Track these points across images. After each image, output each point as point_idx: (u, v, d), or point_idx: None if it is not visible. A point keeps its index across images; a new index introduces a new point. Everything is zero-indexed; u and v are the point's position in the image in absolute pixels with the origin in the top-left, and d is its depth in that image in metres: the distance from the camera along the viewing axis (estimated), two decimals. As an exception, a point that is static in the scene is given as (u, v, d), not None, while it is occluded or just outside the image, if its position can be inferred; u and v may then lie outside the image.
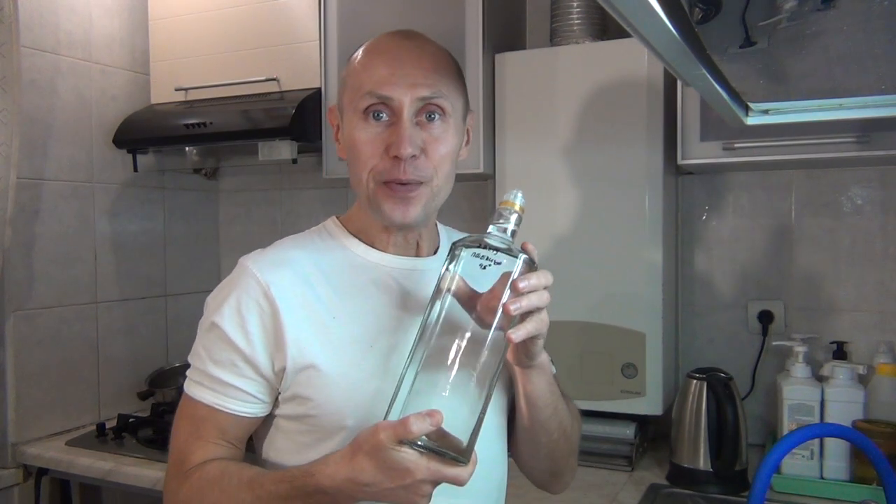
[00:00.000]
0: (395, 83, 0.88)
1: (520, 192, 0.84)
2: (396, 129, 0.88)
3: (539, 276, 0.81)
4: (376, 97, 0.88)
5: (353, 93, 0.91)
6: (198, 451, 0.89)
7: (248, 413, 0.90)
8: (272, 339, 0.88)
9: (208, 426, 0.90)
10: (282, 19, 1.99)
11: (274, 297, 0.88)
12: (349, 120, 0.92)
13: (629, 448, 1.64)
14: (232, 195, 2.48)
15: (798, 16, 0.68)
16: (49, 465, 1.81)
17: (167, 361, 2.26)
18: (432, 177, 0.90)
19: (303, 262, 0.92)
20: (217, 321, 0.89)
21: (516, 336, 0.79)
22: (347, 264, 0.94)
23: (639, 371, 1.59)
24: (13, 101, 1.70)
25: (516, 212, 0.83)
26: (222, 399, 0.89)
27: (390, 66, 0.89)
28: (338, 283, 0.92)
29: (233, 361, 0.89)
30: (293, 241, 0.98)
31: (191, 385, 0.91)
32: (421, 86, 0.88)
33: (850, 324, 1.70)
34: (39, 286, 1.90)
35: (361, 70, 0.91)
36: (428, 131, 0.89)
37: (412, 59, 0.90)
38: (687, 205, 1.85)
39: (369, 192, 0.90)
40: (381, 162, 0.89)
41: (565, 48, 1.69)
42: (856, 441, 1.03)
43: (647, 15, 0.60)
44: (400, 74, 0.88)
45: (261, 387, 0.90)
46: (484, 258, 0.81)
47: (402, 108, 0.88)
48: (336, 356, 0.88)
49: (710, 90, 0.87)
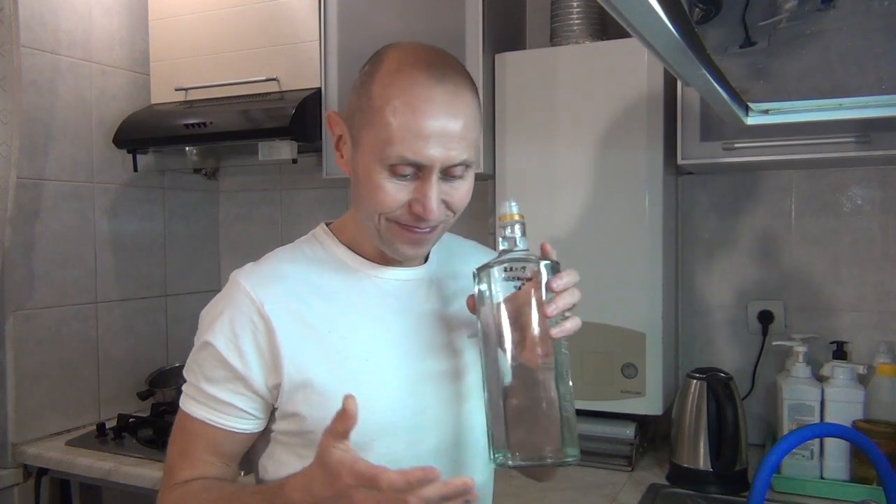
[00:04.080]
0: (429, 150, 0.82)
1: (511, 201, 0.85)
2: (422, 188, 0.84)
3: (569, 274, 0.83)
4: (408, 162, 0.82)
5: (379, 141, 0.83)
6: (186, 469, 0.90)
7: (242, 429, 0.90)
8: (266, 356, 0.88)
9: (200, 442, 0.90)
10: (282, 19, 1.99)
11: (268, 315, 0.87)
12: (368, 159, 0.85)
13: (629, 448, 1.64)
14: (232, 195, 2.48)
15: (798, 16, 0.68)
16: (49, 465, 1.81)
17: (167, 361, 2.26)
18: (450, 217, 0.90)
19: (295, 276, 0.92)
20: (210, 340, 0.88)
21: (558, 332, 0.80)
22: (340, 276, 0.93)
23: (639, 371, 1.59)
24: (13, 101, 1.70)
25: (518, 221, 0.85)
26: (216, 415, 0.89)
27: (427, 127, 0.82)
28: (330, 297, 0.91)
29: (226, 379, 0.88)
30: (284, 253, 0.96)
31: (185, 400, 0.91)
32: (455, 150, 0.83)
33: (850, 324, 1.70)
34: (39, 286, 1.90)
35: (392, 119, 0.82)
36: (451, 184, 0.86)
37: (447, 116, 0.83)
38: (687, 205, 1.85)
39: (380, 228, 0.88)
40: (402, 213, 0.86)
41: (565, 48, 1.69)
42: (856, 441, 1.03)
43: (647, 15, 0.60)
44: (435, 140, 0.82)
45: (255, 403, 0.90)
46: (516, 279, 0.83)
47: (433, 171, 0.83)
48: (332, 371, 0.88)
49: (710, 90, 0.87)
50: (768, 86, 0.93)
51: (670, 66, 0.78)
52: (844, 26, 0.72)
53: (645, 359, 1.59)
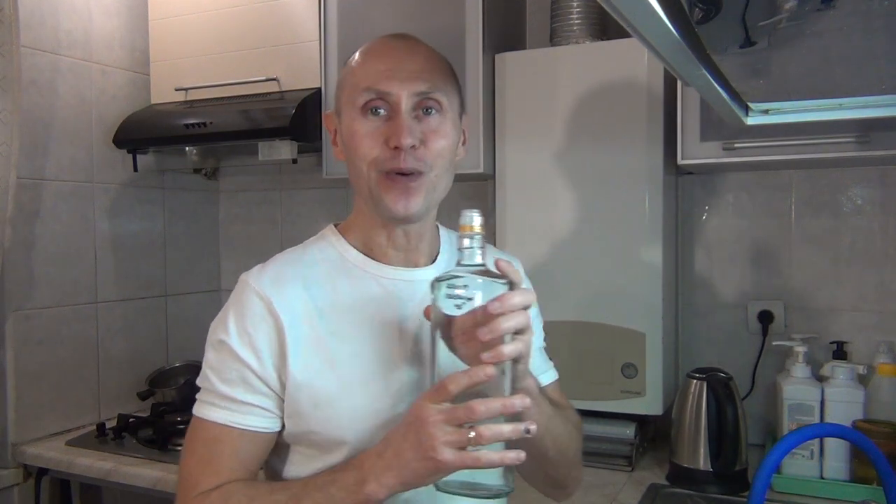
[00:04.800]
0: (392, 78, 0.89)
1: (474, 212, 0.81)
2: (395, 121, 0.89)
3: (513, 296, 0.77)
4: (375, 93, 0.89)
5: (351, 90, 0.92)
6: (210, 477, 0.87)
7: (264, 428, 0.89)
8: (278, 352, 0.88)
9: (222, 448, 0.88)
10: (282, 19, 1.99)
11: (277, 312, 0.88)
12: (348, 117, 0.93)
13: (629, 448, 1.64)
14: (232, 195, 2.48)
15: (798, 16, 0.68)
16: (49, 465, 1.81)
17: (167, 361, 2.26)
18: (431, 167, 0.90)
19: (301, 277, 0.92)
20: (224, 339, 0.89)
21: (488, 357, 0.75)
22: (347, 276, 0.94)
23: (639, 371, 1.59)
24: (13, 101, 1.70)
25: (477, 234, 0.81)
26: (236, 416, 0.88)
27: (387, 63, 0.91)
28: (337, 297, 0.92)
29: (244, 377, 0.88)
30: (292, 254, 0.97)
31: (201, 407, 0.90)
32: (418, 80, 0.90)
33: (850, 324, 1.70)
34: (39, 286, 1.90)
35: (358, 69, 0.93)
36: (426, 124, 0.90)
37: (408, 56, 0.92)
38: (687, 205, 1.85)
39: (370, 185, 0.91)
40: (382, 153, 0.89)
41: (565, 48, 1.69)
42: (856, 441, 1.03)
43: (647, 15, 0.60)
44: (397, 70, 0.90)
45: (272, 401, 0.89)
46: (457, 297, 0.79)
47: (399, 101, 0.89)
48: (335, 372, 0.88)
49: (710, 90, 0.87)
50: (768, 86, 0.93)
51: (670, 66, 0.78)
52: (844, 26, 0.72)
53: (645, 359, 1.59)
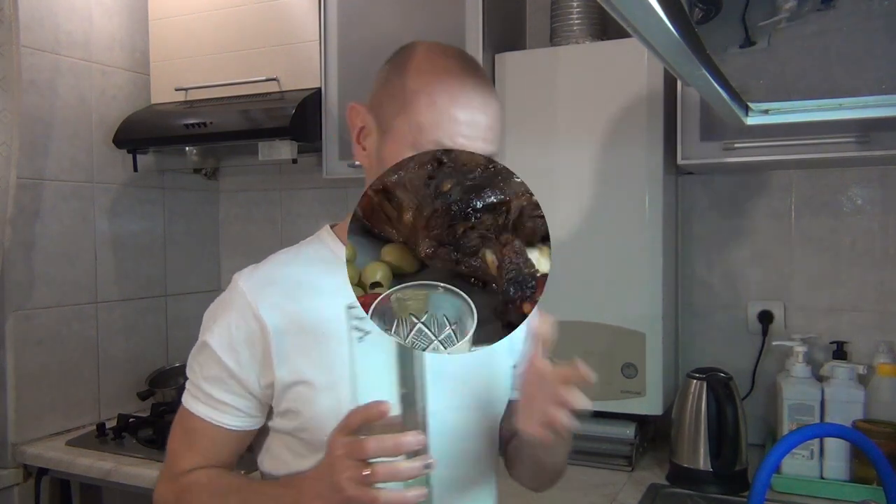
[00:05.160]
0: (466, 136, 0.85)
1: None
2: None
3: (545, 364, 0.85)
4: (442, 151, 0.84)
5: (413, 126, 0.86)
6: (189, 458, 0.93)
7: (240, 427, 0.93)
8: (259, 357, 0.90)
9: (201, 437, 0.93)
10: (282, 19, 1.99)
11: (262, 317, 0.89)
12: (399, 146, 0.88)
13: (629, 448, 1.64)
14: (232, 195, 2.48)
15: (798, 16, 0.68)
16: (49, 465, 1.81)
17: (167, 361, 2.26)
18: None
19: (293, 278, 0.93)
20: (208, 340, 0.92)
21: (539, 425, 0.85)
22: (340, 276, 0.93)
23: (639, 371, 1.59)
24: (13, 101, 1.70)
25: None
26: (215, 413, 0.92)
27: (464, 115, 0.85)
28: (329, 297, 0.91)
29: (222, 379, 0.91)
30: (286, 255, 0.98)
31: (187, 397, 0.95)
32: (486, 141, 0.87)
33: (850, 324, 1.70)
34: (39, 286, 1.90)
35: (429, 103, 0.86)
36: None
37: (480, 105, 0.87)
38: (687, 205, 1.85)
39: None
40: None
41: (565, 48, 1.69)
42: (856, 441, 1.03)
43: (647, 15, 0.60)
44: (466, 127, 0.85)
45: (249, 402, 0.92)
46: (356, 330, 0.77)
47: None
48: (324, 370, 0.89)
49: (710, 90, 0.87)
50: (768, 86, 0.93)
51: (670, 66, 0.78)
52: (844, 26, 0.72)
53: (645, 359, 1.59)
